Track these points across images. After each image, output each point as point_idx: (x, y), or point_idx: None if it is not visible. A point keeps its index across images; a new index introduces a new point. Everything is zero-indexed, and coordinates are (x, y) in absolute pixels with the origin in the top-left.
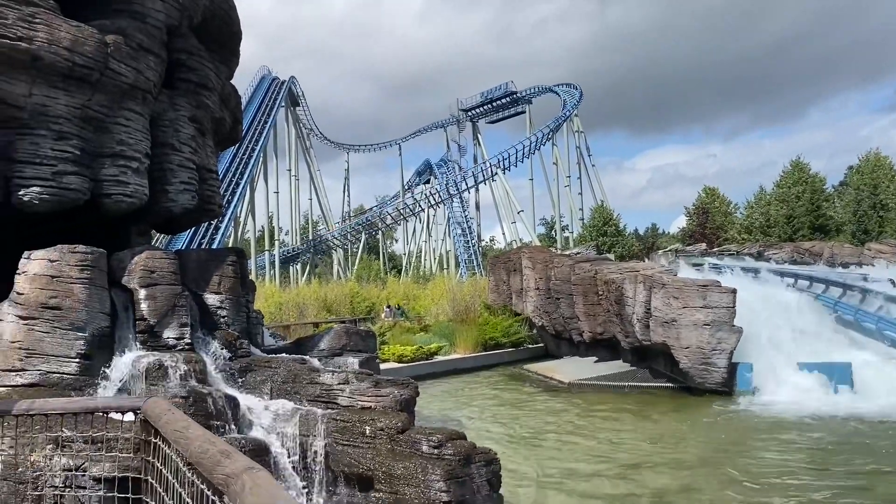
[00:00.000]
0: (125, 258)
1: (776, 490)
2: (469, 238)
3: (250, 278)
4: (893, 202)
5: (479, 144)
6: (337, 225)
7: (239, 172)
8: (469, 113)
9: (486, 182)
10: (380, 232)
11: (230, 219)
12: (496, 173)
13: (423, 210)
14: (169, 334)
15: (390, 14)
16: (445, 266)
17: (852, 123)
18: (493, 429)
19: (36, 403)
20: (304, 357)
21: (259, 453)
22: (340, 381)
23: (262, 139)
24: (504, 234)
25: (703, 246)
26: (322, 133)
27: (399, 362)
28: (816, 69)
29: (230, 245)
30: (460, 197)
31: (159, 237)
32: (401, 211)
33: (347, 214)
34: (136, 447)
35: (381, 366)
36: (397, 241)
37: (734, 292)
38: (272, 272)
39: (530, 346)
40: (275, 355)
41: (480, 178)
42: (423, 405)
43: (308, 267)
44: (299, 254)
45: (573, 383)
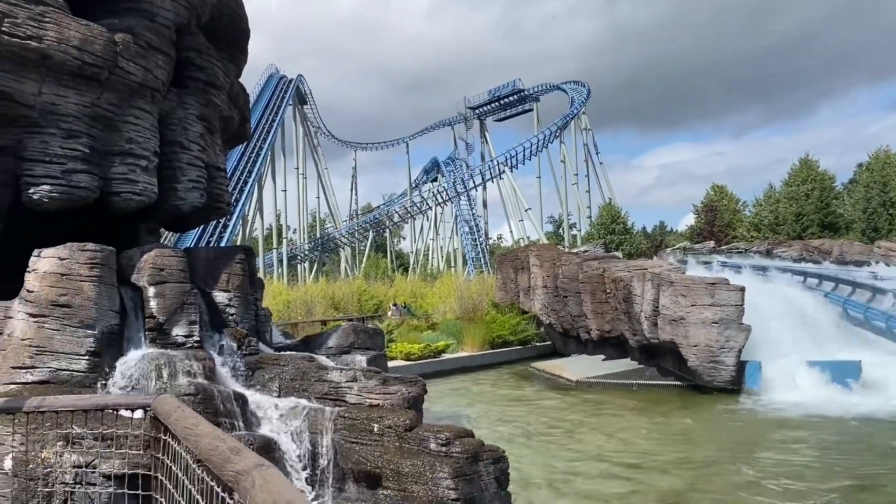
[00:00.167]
0: (134, 256)
1: (784, 489)
2: (476, 236)
3: (258, 276)
4: None
5: (487, 142)
6: (344, 223)
7: (247, 171)
8: (476, 111)
9: (494, 180)
10: (387, 230)
11: (238, 217)
12: (504, 171)
13: (431, 208)
14: (178, 332)
15: (398, 12)
16: (453, 264)
17: (862, 120)
18: (501, 427)
19: (46, 400)
20: (313, 355)
21: (268, 450)
22: (349, 379)
23: (270, 137)
24: (511, 232)
25: (712, 244)
26: (329, 131)
27: (407, 360)
28: (826, 66)
29: (238, 243)
30: (468, 195)
31: (168, 235)
32: (408, 209)
33: (355, 212)
34: (146, 444)
35: (389, 363)
36: (405, 239)
37: (742, 290)
38: (280, 270)
39: (538, 344)
40: (283, 353)
41: (488, 176)
42: (431, 403)
43: (315, 265)
44: (297, 255)
45: (581, 381)
